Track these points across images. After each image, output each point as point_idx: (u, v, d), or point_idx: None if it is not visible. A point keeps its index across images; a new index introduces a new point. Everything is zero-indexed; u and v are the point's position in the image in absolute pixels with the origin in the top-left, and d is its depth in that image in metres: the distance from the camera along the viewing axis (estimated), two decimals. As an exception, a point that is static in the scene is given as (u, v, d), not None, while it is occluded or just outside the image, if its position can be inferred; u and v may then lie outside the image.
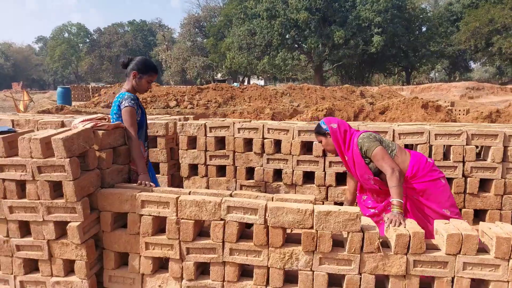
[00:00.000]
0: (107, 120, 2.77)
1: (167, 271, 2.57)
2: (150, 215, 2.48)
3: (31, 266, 2.62)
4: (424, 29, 40.81)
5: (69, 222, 2.45)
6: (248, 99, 18.70)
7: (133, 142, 2.83)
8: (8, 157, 2.44)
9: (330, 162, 3.47)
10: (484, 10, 35.34)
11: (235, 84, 22.73)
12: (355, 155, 2.75)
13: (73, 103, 17.92)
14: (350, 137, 2.79)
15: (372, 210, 2.89)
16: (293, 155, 3.53)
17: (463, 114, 14.88)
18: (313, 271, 2.35)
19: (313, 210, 2.28)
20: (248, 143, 3.73)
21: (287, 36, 35.96)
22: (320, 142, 2.92)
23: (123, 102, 2.89)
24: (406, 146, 3.44)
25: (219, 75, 56.97)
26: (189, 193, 2.62)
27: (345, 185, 3.54)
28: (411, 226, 2.37)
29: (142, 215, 2.49)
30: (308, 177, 3.62)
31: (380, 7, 34.15)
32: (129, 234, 2.54)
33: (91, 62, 61.45)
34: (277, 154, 3.59)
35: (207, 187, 3.81)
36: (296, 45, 37.35)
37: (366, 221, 2.39)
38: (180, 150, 3.81)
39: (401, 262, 2.27)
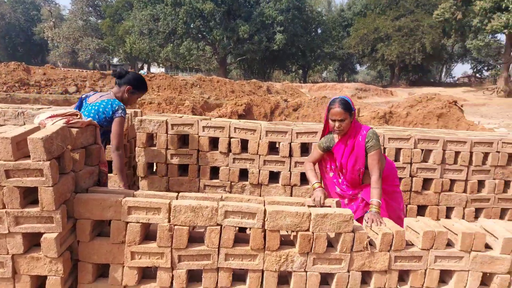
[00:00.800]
0: (79, 116, 2.46)
1: (151, 280, 2.42)
2: (138, 222, 2.30)
3: (-14, 286, 2.23)
4: (319, 31, 43.74)
5: (43, 233, 2.14)
6: (157, 89, 18.01)
7: (121, 154, 2.87)
8: (-38, 158, 2.03)
9: (296, 162, 3.58)
10: (371, 19, 39.28)
11: (142, 71, 21.60)
12: (358, 146, 2.81)
13: None
14: (357, 126, 2.85)
15: (338, 189, 3.02)
16: (260, 155, 3.55)
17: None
18: (307, 272, 2.44)
19: (311, 213, 2.36)
20: (212, 141, 3.64)
21: (192, 26, 35.34)
22: (341, 120, 2.73)
23: (119, 111, 2.92)
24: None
25: (115, 60, 53.58)
26: (177, 198, 2.49)
27: (307, 184, 3.70)
28: (391, 225, 2.60)
29: (128, 222, 2.29)
30: (272, 176, 3.69)
31: (282, 6, 35.65)
32: (112, 243, 2.32)
33: (-45, 33, 52.51)
34: (243, 153, 3.58)
35: (167, 187, 3.62)
36: (201, 36, 36.92)
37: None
38: (137, 148, 3.54)
39: (385, 258, 2.48)
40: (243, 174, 3.69)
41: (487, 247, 2.57)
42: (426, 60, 38.54)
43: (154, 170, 3.73)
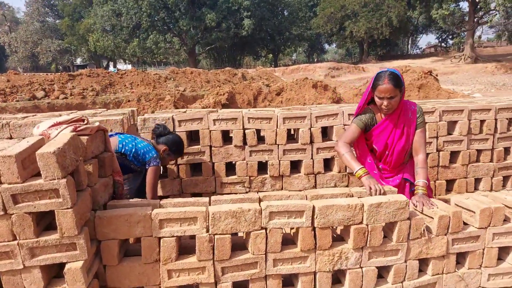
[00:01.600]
0: (85, 121, 2.11)
1: (191, 298, 2.13)
2: (173, 236, 1.99)
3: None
4: (286, 13, 43.32)
5: (65, 263, 1.81)
6: (129, 85, 17.37)
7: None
8: (-43, 186, 1.67)
9: (318, 149, 3.32)
10: (336, -3, 39.06)
11: (112, 69, 20.69)
12: (409, 124, 2.51)
13: None
14: (404, 101, 2.54)
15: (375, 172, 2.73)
16: (278, 145, 3.27)
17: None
18: (362, 268, 2.21)
19: (363, 204, 2.12)
20: (225, 135, 3.33)
21: (156, 18, 34.23)
22: (390, 98, 2.39)
23: (157, 160, 2.81)
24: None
25: (79, 60, 51.73)
26: (210, 203, 2.20)
27: (331, 171, 3.47)
28: (442, 206, 2.39)
29: (162, 237, 1.99)
30: (293, 166, 3.41)
31: (247, -9, 35.01)
32: (145, 263, 2.01)
33: None
34: (260, 145, 3.28)
35: (181, 190, 3.30)
36: (166, 28, 35.87)
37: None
38: (142, 150, 3.19)
39: (442, 243, 2.28)
40: (261, 167, 3.40)
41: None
42: (393, 33, 38.83)
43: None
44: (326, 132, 3.43)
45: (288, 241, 2.24)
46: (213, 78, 19.63)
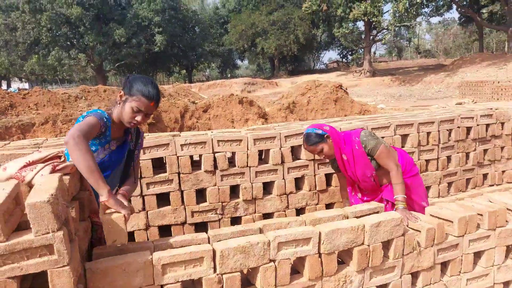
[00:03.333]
0: (62, 158, 1.81)
1: None
2: (178, 282, 1.78)
3: None
4: (197, 30, 43.42)
5: (58, 332, 1.50)
6: (34, 106, 15.73)
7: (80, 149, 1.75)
8: None
9: (289, 168, 3.27)
10: (246, 15, 40.28)
11: (11, 89, 18.39)
12: (357, 154, 2.64)
13: None
14: (344, 136, 2.69)
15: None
16: (250, 167, 3.15)
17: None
18: (363, 289, 2.21)
19: (364, 225, 2.13)
20: (194, 160, 3.11)
21: (58, 33, 31.76)
22: (320, 152, 2.67)
23: (90, 113, 1.99)
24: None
25: (-37, 78, 45.66)
26: (209, 240, 2.03)
27: (301, 190, 3.45)
28: (425, 218, 2.52)
29: (165, 284, 1.77)
30: (263, 188, 3.31)
31: (157, 7, 34.35)
32: (146, 317, 1.76)
33: None
34: (231, 168, 3.13)
35: (147, 223, 2.99)
36: (70, 43, 33.42)
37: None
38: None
39: (430, 254, 2.38)
40: (231, 191, 3.25)
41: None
42: (300, 50, 41.11)
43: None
44: (293, 151, 3.42)
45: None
46: (129, 96, 18.73)
